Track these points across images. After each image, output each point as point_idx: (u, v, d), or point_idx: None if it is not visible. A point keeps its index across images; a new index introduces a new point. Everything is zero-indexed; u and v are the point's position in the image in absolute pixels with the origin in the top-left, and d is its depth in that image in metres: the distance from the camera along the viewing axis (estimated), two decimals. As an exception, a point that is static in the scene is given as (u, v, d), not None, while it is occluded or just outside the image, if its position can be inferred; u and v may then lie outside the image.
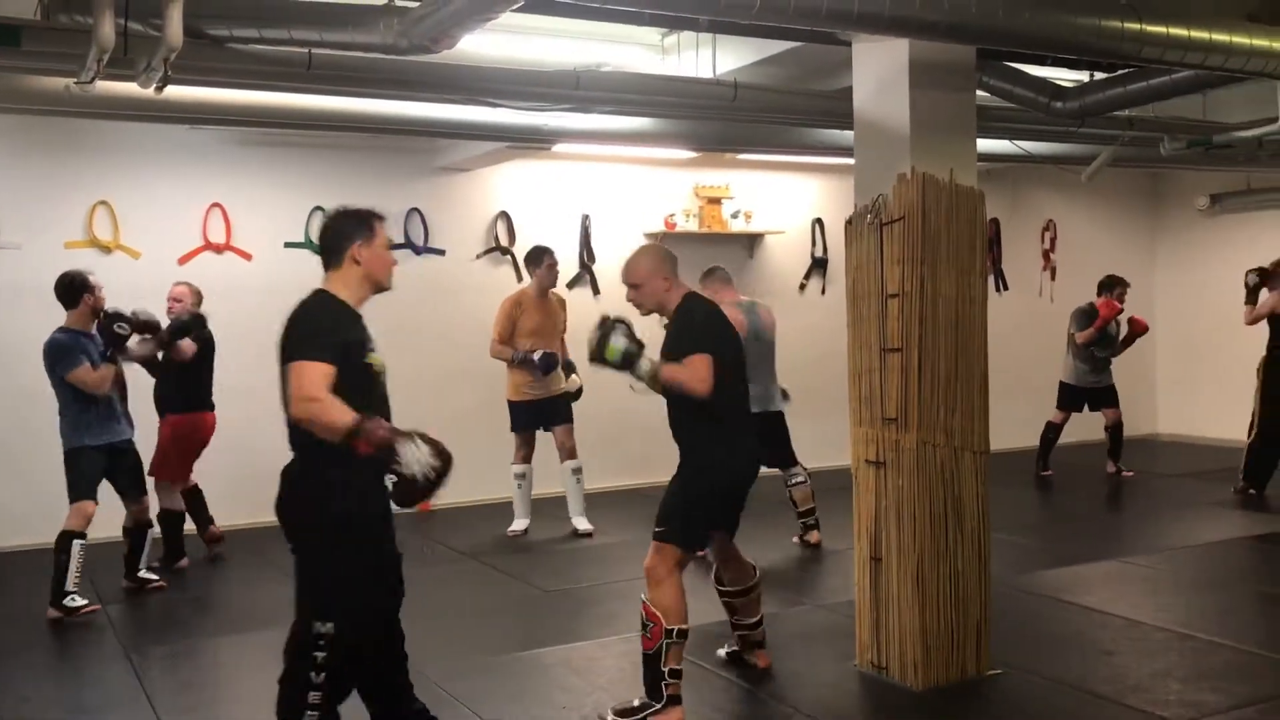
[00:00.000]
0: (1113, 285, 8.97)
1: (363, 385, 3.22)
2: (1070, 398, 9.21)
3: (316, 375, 3.10)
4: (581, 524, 7.31)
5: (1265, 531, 7.16)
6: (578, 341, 7.74)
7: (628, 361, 4.05)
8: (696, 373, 3.95)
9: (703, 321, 4.11)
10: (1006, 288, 10.87)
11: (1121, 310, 8.92)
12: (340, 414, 3.06)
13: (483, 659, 4.88)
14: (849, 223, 4.63)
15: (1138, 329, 9.07)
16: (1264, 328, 8.31)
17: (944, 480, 4.38)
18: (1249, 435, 8.38)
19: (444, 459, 3.09)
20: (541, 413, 7.25)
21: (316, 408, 3.09)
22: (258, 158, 7.80)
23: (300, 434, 3.19)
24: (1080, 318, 8.98)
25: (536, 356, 7.00)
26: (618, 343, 4.06)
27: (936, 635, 4.35)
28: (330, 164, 8.03)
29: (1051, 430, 9.32)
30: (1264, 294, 8.30)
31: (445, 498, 7.64)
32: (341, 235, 3.35)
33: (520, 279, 8.56)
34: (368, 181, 8.22)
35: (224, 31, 4.37)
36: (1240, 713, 4.07)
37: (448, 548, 7.04)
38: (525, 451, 7.39)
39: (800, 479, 6.81)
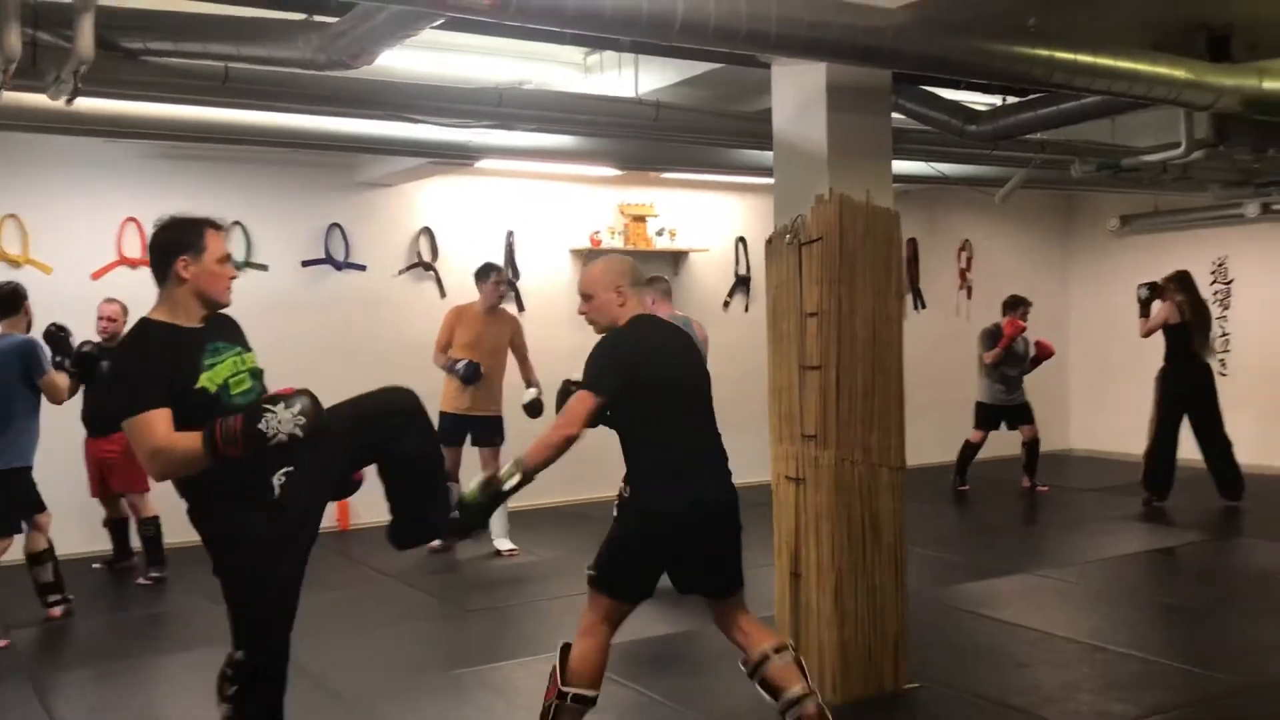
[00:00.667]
0: (1016, 305, 9.20)
1: (204, 417, 2.97)
2: (987, 417, 9.39)
3: (153, 426, 2.92)
4: (504, 545, 7.27)
5: (1171, 545, 7.38)
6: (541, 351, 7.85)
7: (491, 493, 3.54)
8: (564, 414, 3.49)
9: (610, 350, 3.56)
10: (924, 306, 11.07)
11: (1025, 328, 9.14)
12: (189, 443, 2.92)
13: (401, 679, 4.83)
14: (769, 242, 4.69)
15: (1044, 352, 9.32)
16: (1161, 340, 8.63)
17: (862, 496, 4.45)
18: (1147, 445, 8.67)
19: (307, 405, 2.94)
20: (469, 428, 7.21)
21: (164, 459, 2.95)
22: (175, 171, 7.66)
23: (179, 486, 3.10)
24: (987, 338, 9.20)
25: (459, 366, 6.97)
26: (471, 487, 3.59)
27: (855, 649, 4.41)
28: (249, 178, 7.92)
29: (969, 449, 9.49)
30: (1156, 306, 8.63)
31: (368, 515, 7.58)
32: (165, 251, 3.12)
33: (444, 295, 8.55)
34: (287, 196, 8.14)
35: (138, 44, 4.29)
36: (1148, 721, 4.20)
37: (369, 567, 6.96)
38: (450, 465, 7.32)
39: None
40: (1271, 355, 10.15)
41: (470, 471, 7.33)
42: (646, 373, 3.53)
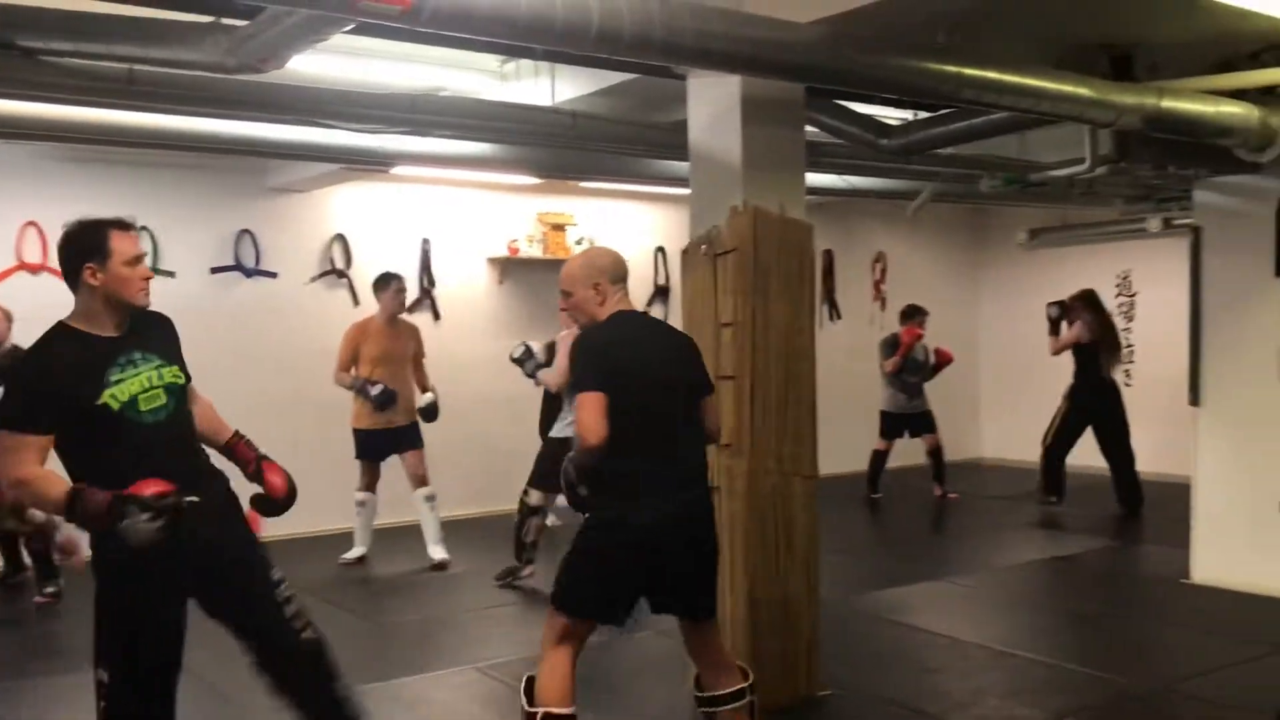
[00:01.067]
0: (913, 314, 9.41)
1: (106, 434, 2.90)
2: (891, 425, 9.55)
3: (23, 454, 2.84)
4: (438, 553, 7.15)
5: (1074, 551, 7.54)
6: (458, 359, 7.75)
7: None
8: (583, 419, 3.28)
9: (584, 347, 3.43)
10: (840, 317, 11.21)
11: (922, 336, 9.34)
12: (52, 492, 2.81)
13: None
14: (684, 253, 4.71)
15: (943, 359, 9.52)
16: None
17: (775, 505, 4.48)
18: (1043, 446, 8.97)
19: (166, 511, 2.80)
20: (387, 441, 7.10)
21: (24, 492, 2.85)
22: (79, 175, 7.44)
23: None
24: (886, 347, 9.40)
25: (374, 392, 6.83)
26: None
27: (769, 657, 4.43)
28: (156, 182, 7.72)
29: (878, 458, 9.63)
30: (1064, 324, 8.88)
31: (282, 528, 7.46)
32: (71, 258, 3.01)
33: (357, 303, 8.42)
34: (196, 201, 7.96)
35: (37, 44, 4.16)
36: (1052, 725, 4.28)
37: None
38: (368, 479, 7.23)
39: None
40: (1172, 365, 10.38)
41: (390, 484, 7.25)
42: (619, 372, 3.33)
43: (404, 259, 8.68)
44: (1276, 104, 5.24)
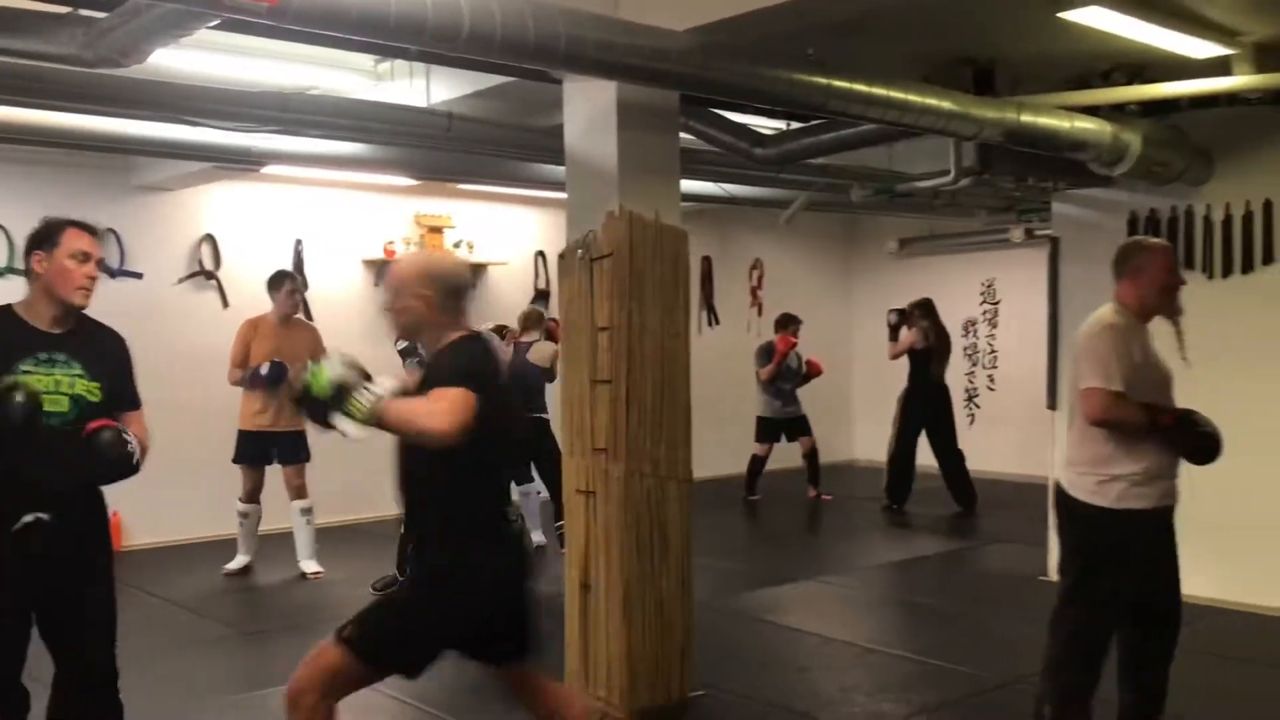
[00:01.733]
0: (787, 323, 9.67)
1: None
2: (767, 430, 9.77)
3: None
4: (309, 566, 6.96)
5: (941, 550, 7.80)
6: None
7: (339, 397, 2.75)
8: (441, 404, 2.80)
9: (475, 361, 3.02)
10: (718, 323, 11.35)
11: (795, 344, 9.60)
12: None
13: (181, 706, 4.59)
14: (561, 257, 4.72)
15: (813, 371, 9.80)
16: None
17: (650, 509, 4.51)
18: (888, 454, 9.34)
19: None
20: (271, 445, 6.88)
21: None
22: (-73, 169, 7.10)
23: None
24: (762, 355, 9.63)
25: (264, 370, 6.60)
26: (332, 371, 2.79)
27: (642, 660, 4.46)
28: (13, 179, 7.40)
29: (756, 462, 9.83)
30: (904, 331, 9.31)
31: (141, 536, 7.21)
32: (28, 243, 3.19)
33: (226, 305, 8.22)
34: (57, 199, 7.49)
35: (-124, 29, 3.95)
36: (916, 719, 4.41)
37: (147, 592, 6.58)
38: (250, 487, 6.96)
39: None
40: (1032, 370, 10.85)
41: (272, 494, 7.04)
42: (492, 400, 2.93)
43: (276, 260, 8.46)
44: (1127, 121, 5.50)
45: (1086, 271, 6.54)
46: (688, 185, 7.36)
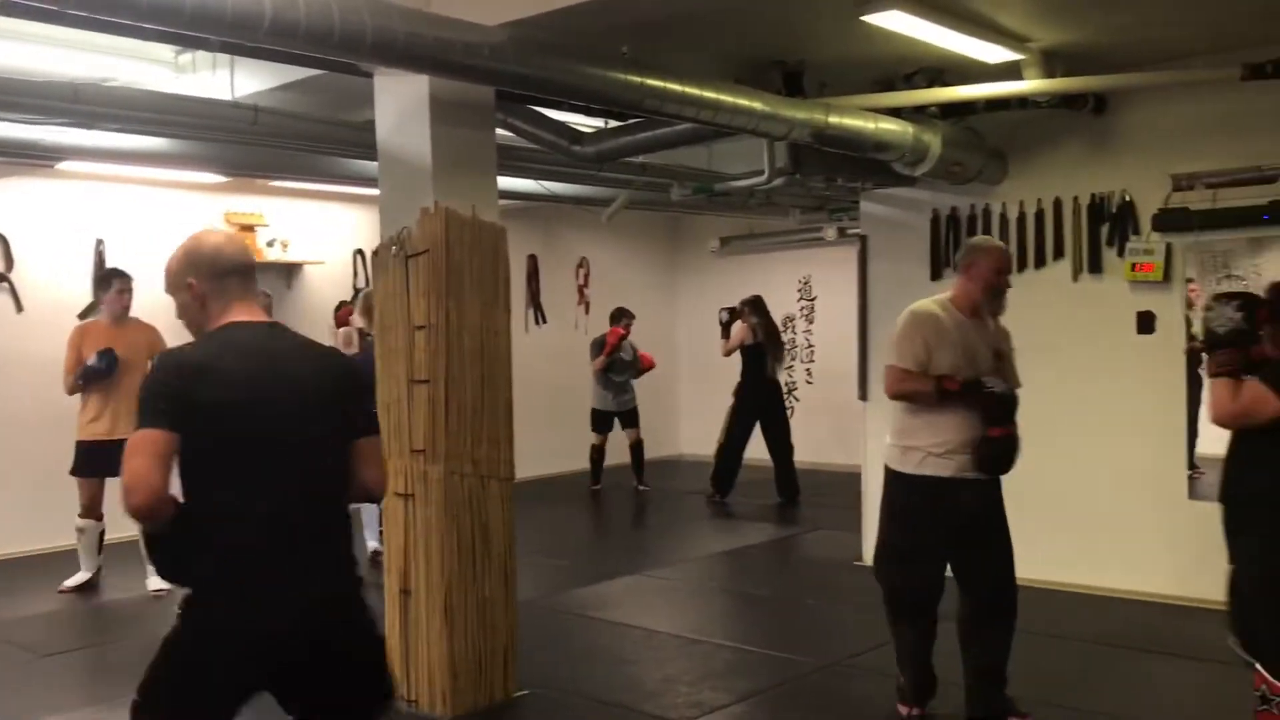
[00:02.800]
0: (620, 316, 10.00)
1: None
2: (599, 421, 10.06)
3: None
4: (153, 584, 6.52)
5: (762, 540, 7.98)
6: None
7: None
8: (130, 468, 2.27)
9: (164, 369, 2.44)
10: (545, 321, 11.33)
11: (625, 336, 9.90)
12: None
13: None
14: (375, 254, 4.62)
15: (646, 364, 10.12)
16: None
17: (471, 509, 4.46)
18: (717, 444, 9.59)
19: None
20: (109, 455, 6.40)
21: None
22: None
23: None
24: (595, 347, 9.93)
25: (91, 362, 6.25)
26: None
27: (465, 662, 4.41)
28: None
29: (595, 452, 10.10)
30: (735, 327, 9.59)
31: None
32: None
33: (20, 309, 7.75)
34: None
35: None
36: (737, 707, 4.49)
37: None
38: (88, 501, 6.50)
39: None
40: (848, 364, 11.20)
41: (114, 505, 6.60)
42: (207, 407, 2.35)
43: (75, 261, 8.04)
44: (928, 122, 5.74)
45: (893, 267, 6.84)
46: (511, 183, 7.35)
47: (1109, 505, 5.97)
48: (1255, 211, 5.52)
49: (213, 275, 2.54)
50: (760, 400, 9.51)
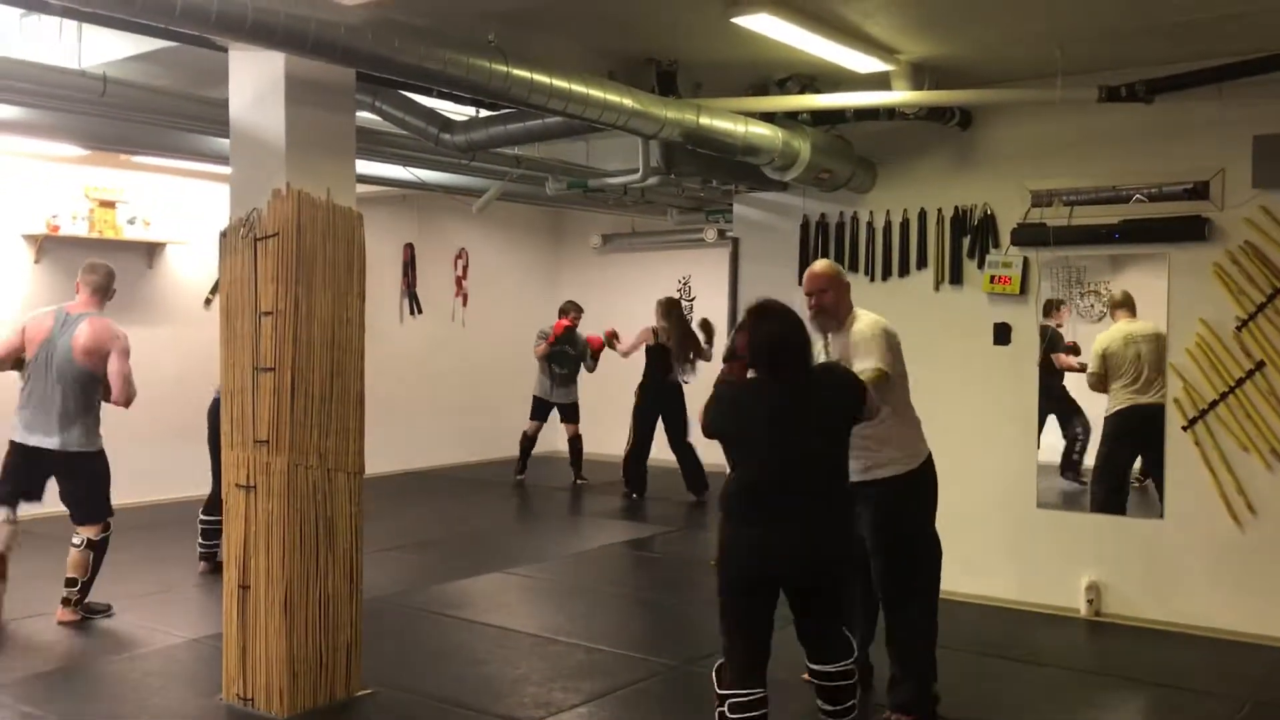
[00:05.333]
0: (568, 310, 10.12)
1: None
2: (538, 408, 10.18)
3: None
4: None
5: (637, 537, 7.98)
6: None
7: None
8: None
9: None
10: (420, 311, 11.14)
11: (573, 328, 9.99)
12: None
13: None
14: (223, 236, 4.45)
15: (594, 345, 10.09)
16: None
17: (316, 502, 4.32)
18: (626, 448, 9.58)
19: None
20: None
21: None
22: None
23: None
24: (539, 337, 9.99)
25: None
26: None
27: (304, 660, 4.27)
28: None
29: (526, 440, 10.17)
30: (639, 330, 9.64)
31: None
32: None
33: None
34: None
35: None
36: (585, 707, 4.45)
37: None
38: None
39: (77, 541, 5.54)
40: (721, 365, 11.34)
41: None
42: None
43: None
44: (799, 129, 5.78)
45: (764, 270, 6.88)
46: (381, 169, 7.20)
47: (959, 511, 6.09)
48: (1108, 230, 5.70)
49: None
50: (661, 400, 9.55)
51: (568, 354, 10.04)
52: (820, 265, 4.41)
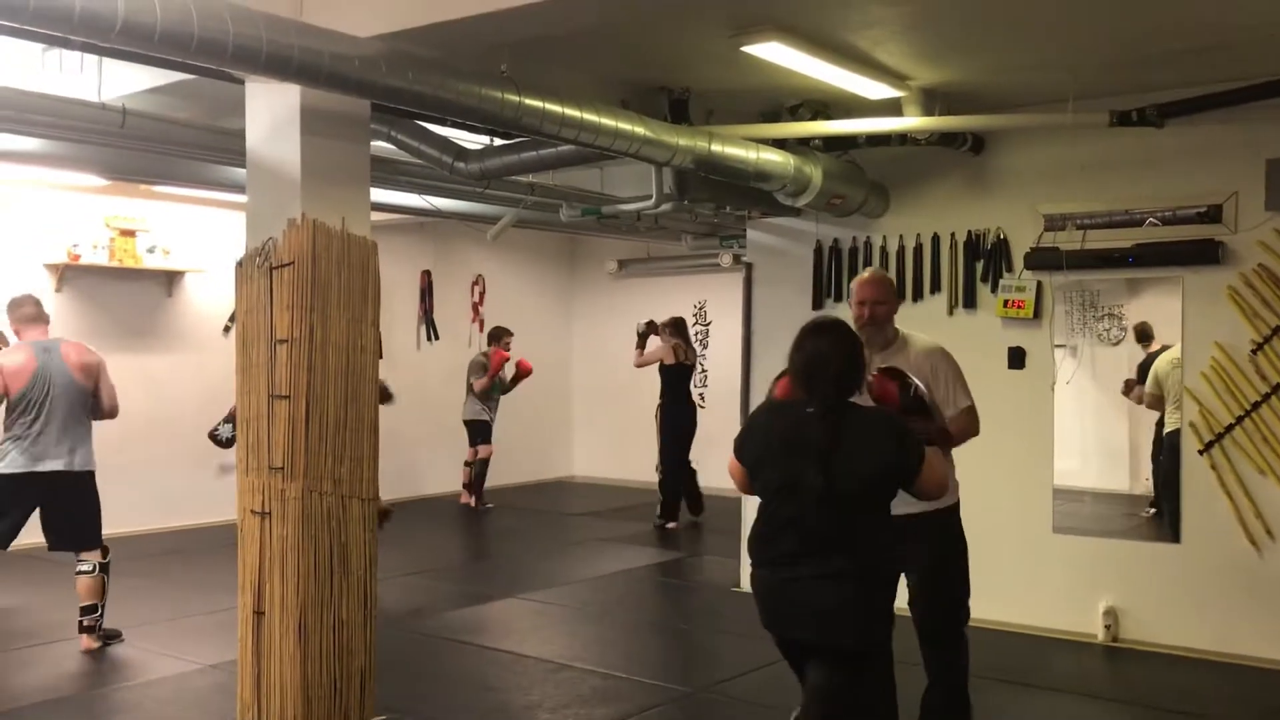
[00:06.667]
0: (500, 336, 10.16)
1: None
2: (484, 430, 10.05)
3: None
4: None
5: (644, 564, 7.96)
6: None
7: None
8: None
9: None
10: (437, 337, 11.19)
11: (508, 358, 10.03)
12: None
13: None
14: (239, 265, 4.49)
15: (523, 370, 10.19)
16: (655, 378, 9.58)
17: (330, 529, 4.34)
18: (658, 474, 9.62)
19: None
20: None
21: None
22: None
23: None
24: (477, 368, 9.99)
25: None
26: None
27: (318, 686, 4.28)
28: None
29: (483, 465, 10.00)
30: (653, 341, 9.60)
31: None
32: None
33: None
34: None
35: None
36: (597, 734, 4.45)
37: None
38: None
39: (87, 567, 5.57)
40: (738, 388, 11.34)
41: None
42: None
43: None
44: (810, 155, 5.81)
45: (777, 294, 6.90)
46: (397, 197, 7.26)
47: (975, 536, 6.06)
48: (1121, 253, 5.70)
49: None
50: (684, 420, 9.60)
51: (503, 381, 10.20)
52: (876, 272, 4.19)
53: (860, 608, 3.08)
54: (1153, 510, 6.20)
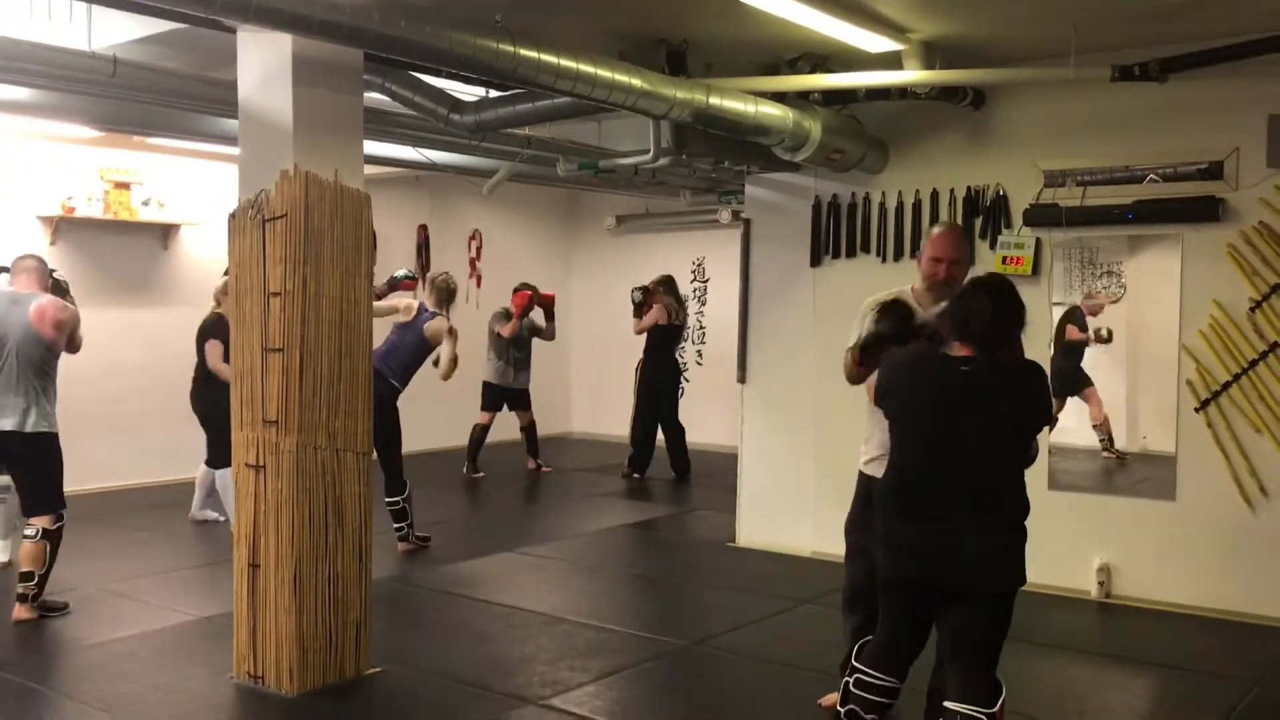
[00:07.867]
0: (517, 289, 9.80)
1: None
2: (492, 397, 9.74)
3: None
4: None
5: (641, 519, 7.99)
6: None
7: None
8: None
9: None
10: (435, 292, 11.13)
11: (530, 294, 9.57)
12: None
13: None
14: (232, 217, 4.46)
15: (547, 301, 9.64)
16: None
17: (325, 482, 4.35)
18: (631, 429, 9.65)
19: None
20: None
21: None
22: None
23: None
24: (500, 317, 9.64)
25: None
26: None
27: (314, 639, 4.31)
28: None
29: (479, 431, 9.74)
30: (654, 308, 9.52)
31: None
32: None
33: None
34: None
35: None
36: (592, 686, 4.47)
37: None
38: None
39: (31, 532, 5.23)
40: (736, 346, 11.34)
41: None
42: None
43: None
44: (810, 109, 5.75)
45: (776, 252, 6.87)
46: (392, 150, 7.20)
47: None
48: (1121, 210, 5.66)
49: None
50: (667, 379, 9.61)
51: (522, 336, 9.68)
52: (956, 227, 4.03)
53: (1013, 554, 3.25)
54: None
